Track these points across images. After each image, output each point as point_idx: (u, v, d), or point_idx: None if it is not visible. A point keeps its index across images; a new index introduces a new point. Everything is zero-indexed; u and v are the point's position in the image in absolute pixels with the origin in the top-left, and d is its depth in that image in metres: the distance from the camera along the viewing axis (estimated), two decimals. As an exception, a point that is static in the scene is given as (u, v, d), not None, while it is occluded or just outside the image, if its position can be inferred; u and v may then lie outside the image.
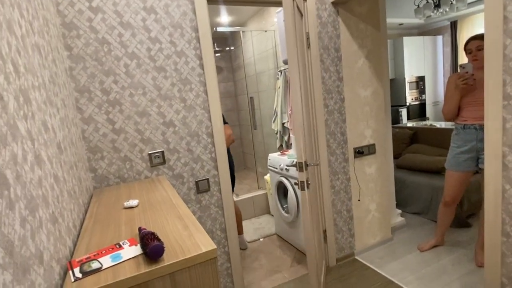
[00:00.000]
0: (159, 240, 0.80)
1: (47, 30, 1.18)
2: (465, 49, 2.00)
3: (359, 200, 2.44)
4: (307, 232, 1.67)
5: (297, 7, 1.75)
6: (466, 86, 1.95)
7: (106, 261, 0.81)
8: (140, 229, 0.91)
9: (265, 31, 3.63)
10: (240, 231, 2.76)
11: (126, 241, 0.91)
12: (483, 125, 1.95)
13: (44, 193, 0.78)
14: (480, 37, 1.92)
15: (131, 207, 1.22)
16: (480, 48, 1.91)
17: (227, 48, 4.96)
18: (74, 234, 1.01)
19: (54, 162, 0.93)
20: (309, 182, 1.68)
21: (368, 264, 2.33)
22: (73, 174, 1.18)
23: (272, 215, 3.42)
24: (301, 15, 1.97)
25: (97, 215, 1.18)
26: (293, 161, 2.64)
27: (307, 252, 1.72)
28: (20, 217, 0.60)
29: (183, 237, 0.90)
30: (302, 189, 1.61)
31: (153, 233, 0.83)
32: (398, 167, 3.44)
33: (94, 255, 0.85)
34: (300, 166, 1.60)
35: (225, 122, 2.41)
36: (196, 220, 1.01)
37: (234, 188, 2.73)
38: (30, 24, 0.93)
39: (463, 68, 1.96)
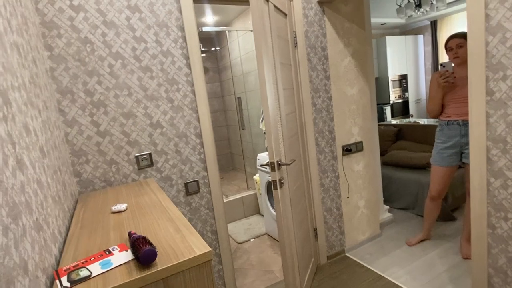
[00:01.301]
0: (151, 244, 0.77)
1: (26, 29, 1.13)
2: (445, 47, 2.04)
3: (348, 197, 2.46)
4: (281, 231, 1.68)
5: (275, 6, 1.75)
6: (447, 84, 1.99)
7: (96, 268, 0.78)
8: (130, 234, 0.88)
9: (251, 30, 3.63)
10: None
11: (116, 246, 0.88)
12: (466, 121, 2.00)
13: (27, 199, 0.74)
14: (460, 35, 1.95)
15: (120, 212, 1.18)
16: (461, 46, 1.94)
17: (213, 49, 4.92)
18: (60, 241, 0.97)
19: (37, 167, 0.89)
20: (283, 181, 1.69)
21: (359, 261, 2.35)
22: (57, 179, 1.13)
23: (262, 215, 3.41)
24: (285, 14, 1.97)
25: (84, 221, 1.14)
26: (266, 161, 2.65)
27: (281, 252, 1.72)
28: (2, 226, 0.57)
29: (176, 240, 0.87)
30: (275, 188, 1.62)
31: (144, 238, 0.80)
32: (384, 164, 3.50)
33: (83, 263, 0.81)
34: (272, 166, 1.61)
35: None
36: (188, 222, 0.99)
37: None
38: (8, 22, 0.89)
39: (444, 66, 2.00)
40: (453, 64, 2.02)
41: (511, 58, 1.19)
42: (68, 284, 0.72)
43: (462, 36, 1.95)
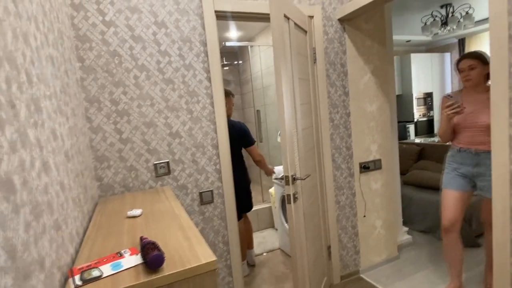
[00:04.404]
0: (159, 250, 0.80)
1: (61, 42, 1.23)
2: (457, 68, 1.88)
3: (364, 216, 2.40)
4: (293, 247, 1.65)
5: (295, 23, 1.79)
6: (456, 114, 1.80)
7: (107, 269, 0.81)
8: (141, 239, 0.92)
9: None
10: (251, 245, 2.71)
11: (127, 250, 0.92)
12: (480, 151, 1.81)
13: (49, 200, 0.79)
14: (472, 56, 1.81)
15: (134, 217, 1.23)
16: (473, 68, 1.79)
17: (236, 62, 5.05)
18: (77, 241, 1.02)
19: (61, 170, 0.95)
20: (297, 196, 1.68)
21: (374, 283, 2.27)
22: (79, 182, 1.20)
23: (276, 229, 3.38)
24: (305, 31, 2.01)
25: (101, 224, 1.19)
26: (281, 174, 2.63)
27: (292, 267, 1.69)
28: (24, 222, 0.62)
29: (184, 247, 0.90)
30: (289, 202, 1.62)
31: (153, 243, 0.83)
32: (405, 183, 3.39)
33: (95, 263, 0.85)
34: (286, 180, 1.60)
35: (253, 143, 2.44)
36: (197, 231, 1.01)
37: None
38: (45, 37, 0.98)
39: (451, 97, 1.81)
40: (463, 85, 1.87)
41: (536, 80, 1.15)
42: (80, 283, 0.76)
43: (475, 57, 1.79)
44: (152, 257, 0.76)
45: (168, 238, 0.98)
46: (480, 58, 1.78)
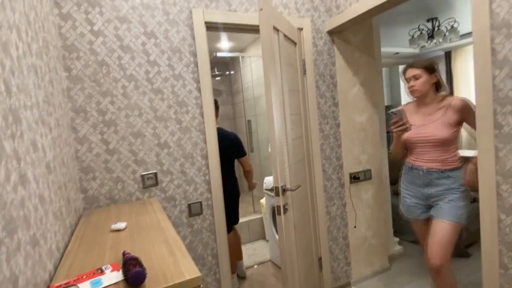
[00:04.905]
0: (141, 266, 0.77)
1: (47, 52, 1.21)
2: (405, 78, 1.75)
3: (355, 227, 2.39)
4: (283, 260, 1.62)
5: (285, 35, 1.80)
6: (404, 131, 1.69)
7: (86, 287, 0.78)
8: (124, 254, 0.88)
9: (264, 57, 3.72)
10: (240, 256, 2.66)
11: (109, 266, 0.88)
12: (432, 170, 1.67)
13: (26, 214, 0.76)
14: (417, 65, 1.68)
15: (118, 230, 1.19)
16: (418, 77, 1.66)
17: (227, 72, 5.07)
18: (56, 257, 0.98)
19: (40, 182, 0.92)
20: (287, 207, 1.66)
21: (365, 295, 2.24)
22: (61, 195, 1.16)
23: (267, 241, 3.34)
24: (294, 43, 2.03)
25: (83, 238, 1.15)
26: (271, 185, 2.61)
27: (282, 281, 1.66)
28: (-5, 239, 0.58)
29: (168, 263, 0.87)
30: (279, 214, 1.59)
31: (136, 258, 0.80)
32: (395, 193, 3.40)
33: (74, 280, 0.81)
34: (276, 191, 1.58)
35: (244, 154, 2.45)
36: (183, 245, 0.99)
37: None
38: (28, 46, 0.96)
39: (395, 114, 1.67)
40: (411, 98, 1.78)
41: (518, 92, 1.17)
42: (56, 302, 0.72)
43: (419, 66, 1.67)
44: (133, 273, 0.73)
45: (152, 253, 0.94)
46: (425, 67, 1.67)
